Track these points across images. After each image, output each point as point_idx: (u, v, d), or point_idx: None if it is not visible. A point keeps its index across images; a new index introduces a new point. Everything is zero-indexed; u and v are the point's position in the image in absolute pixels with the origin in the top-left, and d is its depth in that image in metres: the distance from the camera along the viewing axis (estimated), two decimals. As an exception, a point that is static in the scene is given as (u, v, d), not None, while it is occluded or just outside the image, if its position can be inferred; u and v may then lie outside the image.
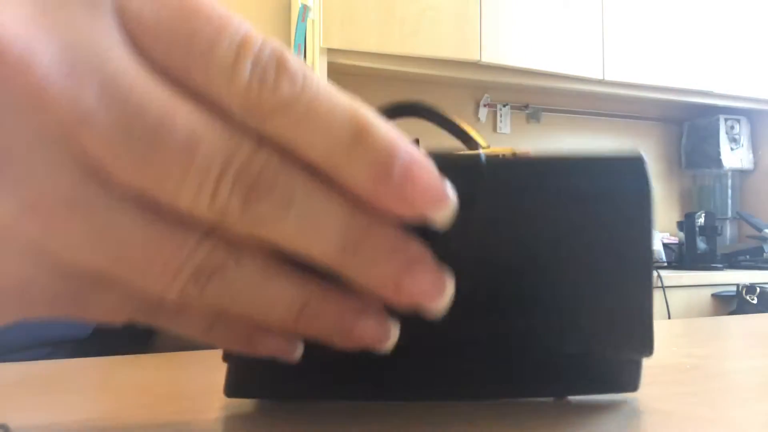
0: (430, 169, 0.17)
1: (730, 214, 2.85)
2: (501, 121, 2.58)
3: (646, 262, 0.22)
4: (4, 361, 0.36)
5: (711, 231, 2.44)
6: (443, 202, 0.16)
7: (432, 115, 0.39)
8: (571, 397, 0.25)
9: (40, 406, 0.27)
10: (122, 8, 0.15)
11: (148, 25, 0.15)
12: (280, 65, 0.16)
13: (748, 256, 2.55)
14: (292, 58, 0.16)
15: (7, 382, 0.32)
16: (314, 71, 0.17)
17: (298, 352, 0.21)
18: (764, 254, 2.51)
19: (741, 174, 2.92)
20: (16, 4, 0.15)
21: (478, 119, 2.54)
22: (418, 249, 0.17)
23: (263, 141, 0.16)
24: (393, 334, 0.19)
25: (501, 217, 0.21)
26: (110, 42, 0.15)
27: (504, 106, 2.58)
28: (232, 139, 0.15)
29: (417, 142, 0.23)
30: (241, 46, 0.15)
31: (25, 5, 0.15)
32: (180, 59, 0.15)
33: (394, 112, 0.40)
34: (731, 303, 2.22)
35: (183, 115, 0.15)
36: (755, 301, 2.13)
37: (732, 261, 2.54)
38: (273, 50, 0.16)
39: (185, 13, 0.15)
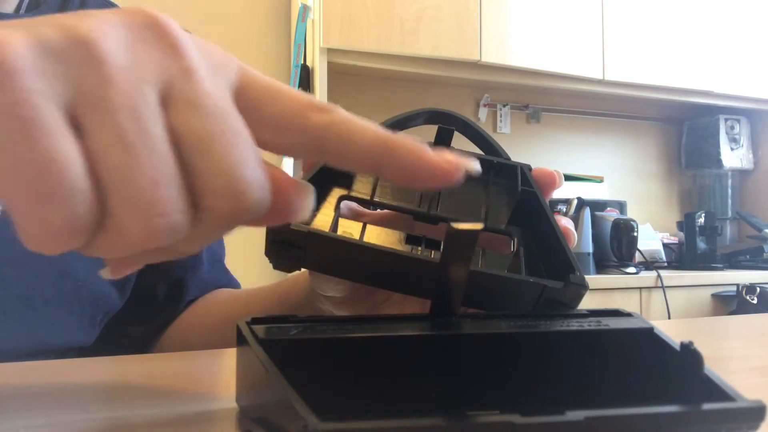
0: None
1: (730, 214, 2.85)
2: (501, 121, 2.58)
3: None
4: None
5: (711, 231, 2.44)
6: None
7: (464, 127, 0.40)
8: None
9: (41, 405, 0.27)
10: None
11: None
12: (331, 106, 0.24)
13: (748, 256, 2.55)
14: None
15: (8, 381, 0.32)
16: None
17: None
18: (764, 254, 2.51)
19: (741, 174, 2.92)
20: None
21: (478, 119, 2.54)
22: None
23: None
24: None
25: None
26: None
27: (504, 106, 2.58)
28: None
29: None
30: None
31: None
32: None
33: (423, 118, 0.40)
34: (731, 303, 2.22)
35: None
36: (755, 301, 2.13)
37: (732, 261, 2.54)
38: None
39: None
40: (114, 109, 0.19)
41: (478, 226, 0.23)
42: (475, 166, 0.24)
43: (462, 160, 0.24)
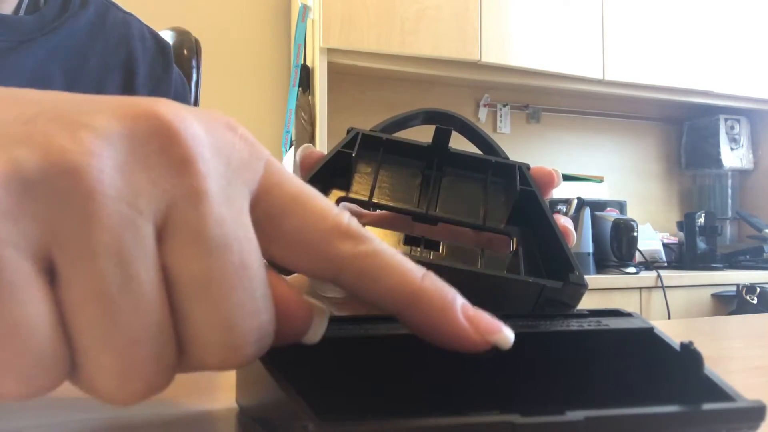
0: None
1: (730, 214, 2.85)
2: (501, 121, 2.58)
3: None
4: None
5: (711, 231, 2.43)
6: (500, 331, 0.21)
7: (463, 127, 0.40)
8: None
9: (41, 405, 0.27)
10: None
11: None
12: (360, 231, 0.21)
13: (748, 256, 2.55)
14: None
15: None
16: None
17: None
18: (764, 254, 2.51)
19: (741, 174, 2.92)
20: None
21: (478, 119, 2.54)
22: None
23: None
24: None
25: None
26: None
27: (504, 106, 2.58)
28: None
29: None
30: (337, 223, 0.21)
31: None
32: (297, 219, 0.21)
33: (422, 118, 0.40)
34: (731, 303, 2.22)
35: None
36: (755, 301, 2.13)
37: (732, 261, 2.54)
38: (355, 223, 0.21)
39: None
40: (96, 253, 0.16)
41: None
42: (509, 338, 0.21)
43: (495, 331, 0.21)
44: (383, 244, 0.21)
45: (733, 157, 2.80)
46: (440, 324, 0.20)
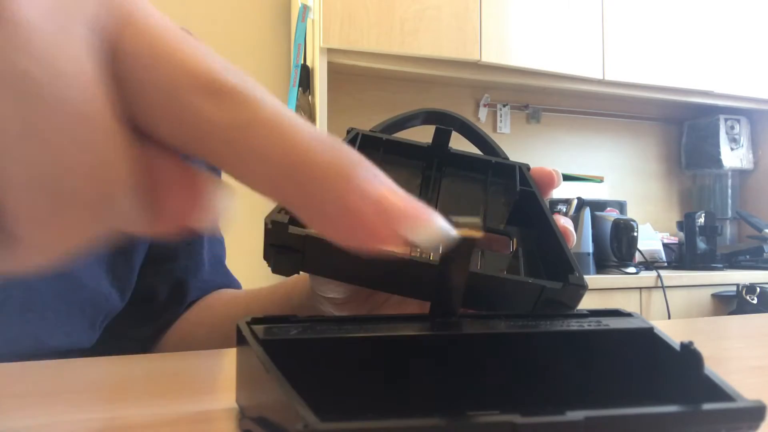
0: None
1: (730, 214, 2.85)
2: (501, 121, 2.58)
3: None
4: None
5: (711, 231, 2.44)
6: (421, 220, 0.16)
7: (462, 127, 0.40)
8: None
9: (41, 405, 0.27)
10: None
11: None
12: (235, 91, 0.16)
13: (748, 256, 2.55)
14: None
15: (8, 381, 0.32)
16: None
17: None
18: (764, 254, 2.51)
19: (741, 174, 2.92)
20: None
21: (478, 119, 2.54)
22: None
23: None
24: None
25: None
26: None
27: (504, 106, 2.58)
28: None
29: None
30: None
31: None
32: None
33: (421, 118, 0.40)
34: (731, 303, 2.22)
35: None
36: (755, 301, 2.13)
37: (732, 261, 2.54)
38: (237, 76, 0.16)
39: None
40: None
41: (477, 233, 0.22)
42: (435, 229, 0.16)
43: (411, 216, 0.16)
44: (277, 107, 0.16)
45: (733, 157, 2.80)
46: (326, 201, 0.15)
